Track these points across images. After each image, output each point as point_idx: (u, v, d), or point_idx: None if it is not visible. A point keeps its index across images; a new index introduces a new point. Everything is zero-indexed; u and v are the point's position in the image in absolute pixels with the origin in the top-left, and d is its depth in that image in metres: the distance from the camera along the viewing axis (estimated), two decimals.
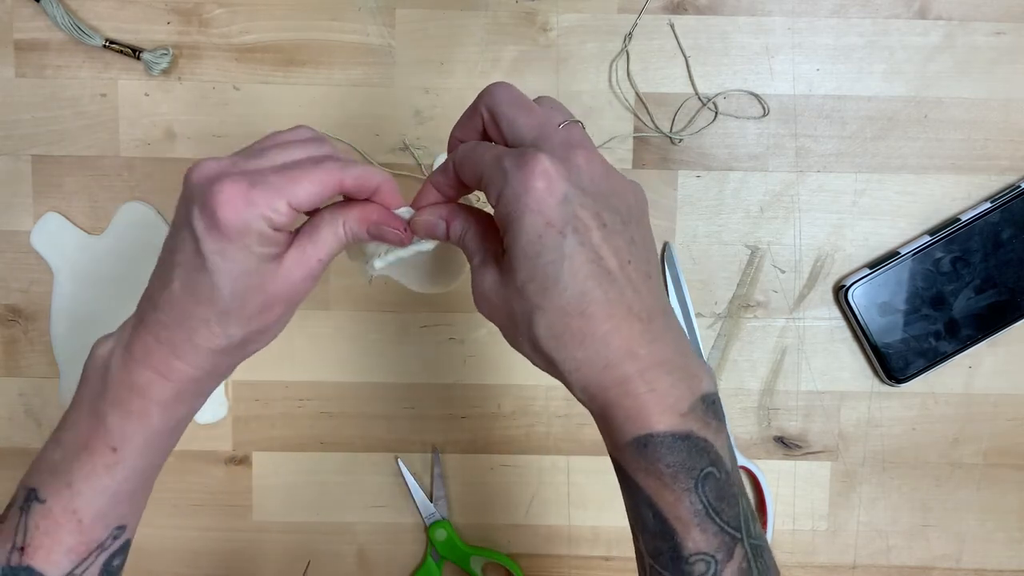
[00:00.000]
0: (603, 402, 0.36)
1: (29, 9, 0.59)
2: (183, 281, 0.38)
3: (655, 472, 0.35)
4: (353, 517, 0.63)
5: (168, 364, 0.39)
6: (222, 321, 0.38)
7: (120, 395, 0.40)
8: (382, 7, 0.60)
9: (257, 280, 0.38)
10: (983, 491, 0.63)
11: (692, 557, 0.35)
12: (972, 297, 0.60)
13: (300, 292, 0.40)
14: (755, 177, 0.61)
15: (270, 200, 0.36)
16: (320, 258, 0.40)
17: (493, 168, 0.36)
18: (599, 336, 0.35)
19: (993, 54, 0.60)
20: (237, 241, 0.36)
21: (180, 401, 0.40)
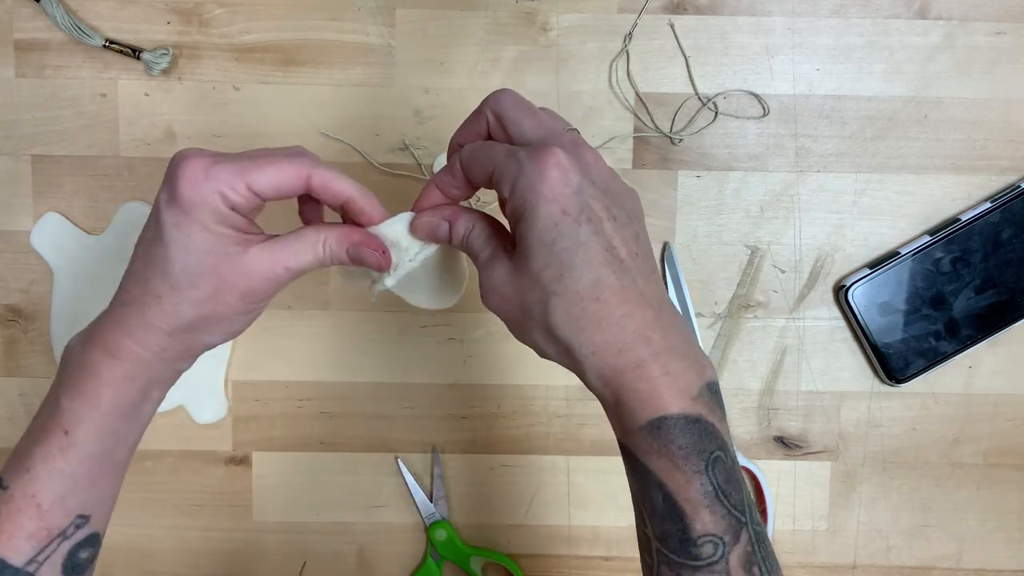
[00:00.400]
0: (617, 386, 0.36)
1: (29, 9, 0.59)
2: (142, 255, 0.40)
3: (667, 454, 0.36)
4: (353, 517, 0.63)
5: (118, 343, 0.40)
6: (172, 297, 0.39)
7: (73, 377, 0.40)
8: (382, 7, 0.60)
9: (211, 261, 0.39)
10: (983, 491, 0.63)
11: (701, 539, 0.35)
12: (972, 297, 0.60)
13: (257, 290, 0.40)
14: (755, 177, 0.61)
15: (229, 178, 0.38)
16: (287, 265, 0.40)
17: (507, 160, 0.37)
18: (615, 320, 0.36)
19: (993, 54, 0.60)
20: (191, 214, 0.38)
21: (131, 382, 0.40)
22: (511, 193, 0.37)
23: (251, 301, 0.41)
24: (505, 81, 0.60)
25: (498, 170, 0.37)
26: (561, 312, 0.36)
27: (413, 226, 0.42)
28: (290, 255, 0.40)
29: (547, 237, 0.36)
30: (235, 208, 0.39)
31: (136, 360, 0.40)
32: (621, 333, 0.36)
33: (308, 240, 0.41)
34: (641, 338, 0.36)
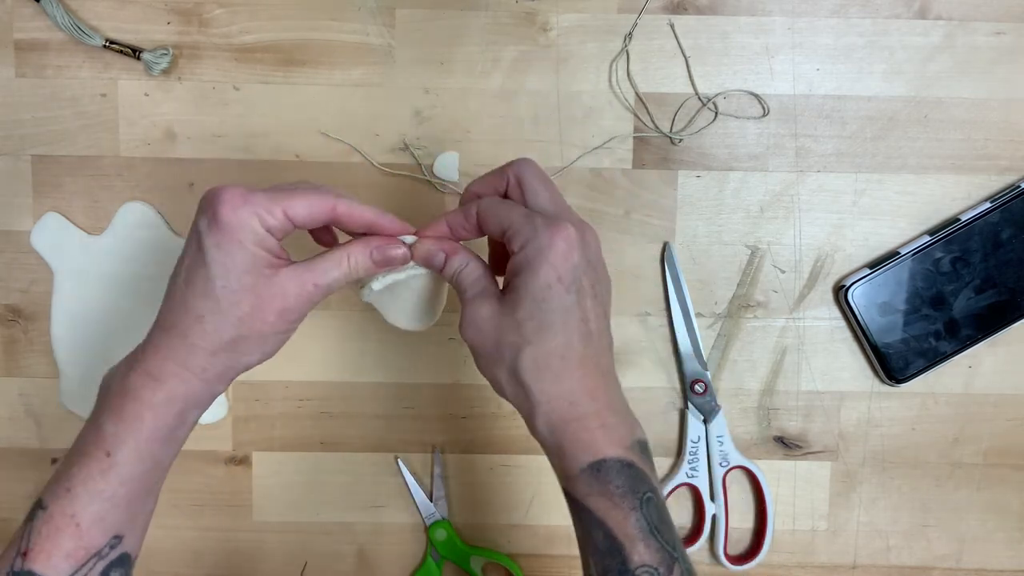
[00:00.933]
0: (562, 434, 0.42)
1: (29, 9, 0.59)
2: (185, 278, 0.43)
3: (606, 493, 0.41)
4: (353, 517, 0.63)
5: (160, 366, 0.42)
6: (214, 316, 0.42)
7: (115, 402, 0.42)
8: (382, 7, 0.60)
9: (251, 280, 0.42)
10: (983, 491, 0.63)
11: (638, 569, 0.40)
12: (972, 297, 0.60)
13: (292, 308, 0.43)
14: (755, 177, 0.61)
15: (266, 203, 0.42)
16: (317, 282, 0.44)
17: (524, 221, 0.42)
18: (573, 378, 0.42)
19: (993, 54, 0.60)
20: (232, 235, 0.41)
21: (171, 405, 0.42)
22: (520, 249, 0.42)
23: (286, 320, 0.43)
24: (505, 81, 0.60)
25: (514, 227, 0.43)
26: (531, 360, 0.42)
27: (414, 248, 0.46)
28: (318, 273, 0.44)
29: (539, 295, 0.41)
30: (271, 231, 0.42)
31: (178, 382, 0.42)
32: (574, 389, 0.42)
33: (334, 258, 0.45)
34: (590, 396, 0.42)
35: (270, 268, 0.42)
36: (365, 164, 0.61)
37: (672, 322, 0.61)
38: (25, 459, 0.62)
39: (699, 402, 0.61)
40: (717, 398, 0.62)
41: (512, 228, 0.43)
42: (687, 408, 0.62)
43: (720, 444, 0.61)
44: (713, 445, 0.61)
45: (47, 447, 0.62)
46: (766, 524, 0.62)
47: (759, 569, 0.62)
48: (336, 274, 0.44)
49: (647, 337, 0.62)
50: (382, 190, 0.61)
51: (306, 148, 0.60)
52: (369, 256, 0.45)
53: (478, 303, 0.44)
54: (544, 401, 0.42)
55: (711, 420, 0.61)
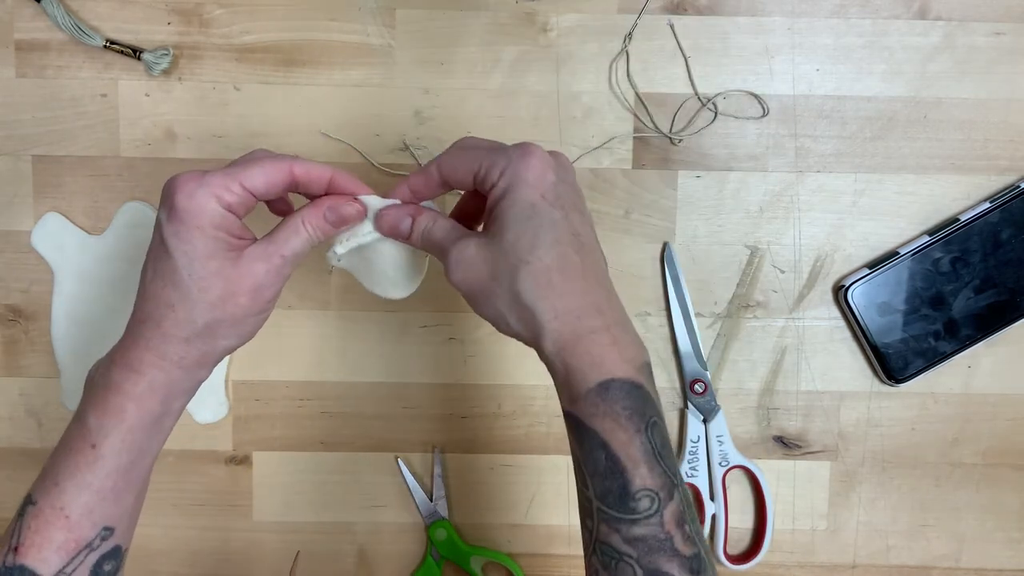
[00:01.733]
0: (571, 352, 0.41)
1: (30, 9, 0.59)
2: (151, 273, 0.43)
3: (612, 414, 0.40)
4: (353, 517, 0.63)
5: (139, 357, 0.42)
6: (185, 304, 0.42)
7: (99, 395, 0.42)
8: (382, 7, 0.60)
9: (216, 265, 0.42)
10: (982, 491, 0.63)
11: (639, 493, 0.39)
12: (971, 297, 0.60)
13: (264, 286, 0.43)
14: (755, 177, 0.61)
15: (221, 181, 0.42)
16: (283, 253, 0.43)
17: (494, 153, 0.43)
18: (576, 291, 0.41)
19: (993, 54, 0.60)
20: (190, 222, 0.41)
21: (153, 394, 0.42)
22: (499, 178, 0.42)
23: (261, 299, 0.43)
24: (505, 81, 0.60)
25: (485, 163, 0.42)
26: (530, 279, 0.41)
27: (378, 219, 0.46)
28: (280, 244, 0.43)
29: (524, 214, 0.41)
30: (231, 208, 0.42)
31: (157, 372, 0.42)
32: (580, 302, 0.41)
33: (291, 226, 0.44)
34: (596, 310, 0.41)
35: (234, 250, 0.42)
36: (365, 164, 0.61)
37: (672, 322, 0.61)
38: (25, 459, 0.62)
39: (699, 402, 0.61)
40: (717, 398, 0.62)
41: (483, 164, 0.42)
42: (687, 408, 0.62)
43: (720, 444, 0.61)
44: (713, 445, 0.61)
45: (47, 447, 0.62)
46: (766, 524, 0.62)
47: (759, 569, 0.63)
48: (296, 241, 0.44)
49: (647, 337, 0.62)
50: (382, 190, 0.61)
51: (306, 148, 0.60)
52: (323, 217, 0.45)
53: (460, 245, 0.43)
54: (551, 318, 0.41)
55: (711, 420, 0.61)
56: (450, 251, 0.43)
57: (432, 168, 0.45)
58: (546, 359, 0.42)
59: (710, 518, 0.62)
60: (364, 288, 0.49)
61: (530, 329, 0.41)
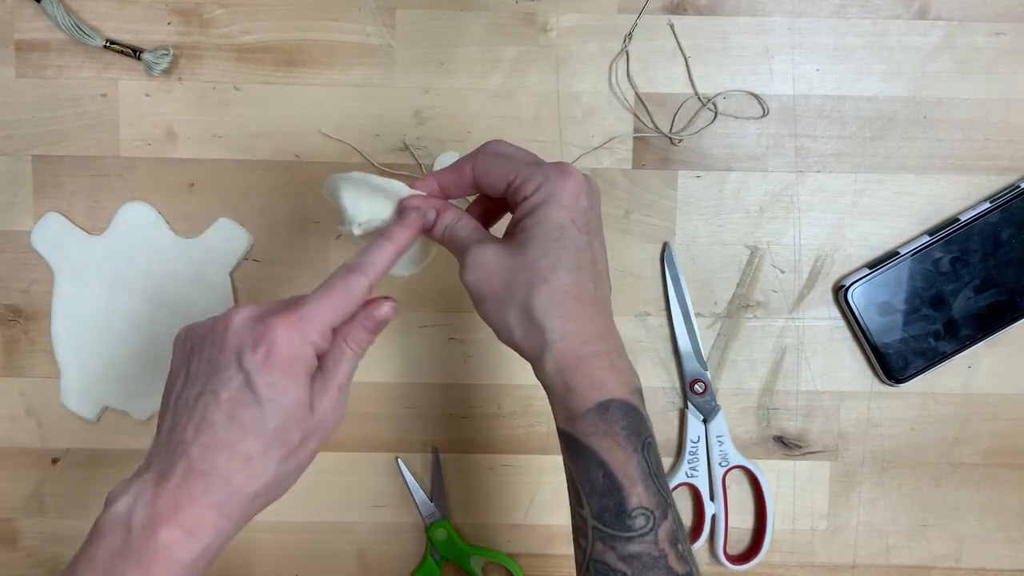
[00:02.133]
0: (572, 373, 0.41)
1: (30, 9, 0.59)
2: (226, 420, 0.38)
3: (610, 433, 0.41)
4: (353, 517, 0.63)
5: (199, 517, 0.38)
6: (263, 457, 0.39)
7: (142, 559, 0.37)
8: (382, 7, 0.60)
9: (300, 414, 0.40)
10: (983, 491, 0.63)
11: (635, 511, 0.40)
12: (971, 297, 0.60)
13: (330, 424, 0.41)
14: (755, 177, 0.61)
15: (318, 327, 0.40)
16: (339, 385, 0.41)
17: (531, 168, 0.43)
18: (586, 316, 0.42)
19: (993, 54, 0.60)
20: (288, 371, 0.39)
21: (202, 560, 0.38)
22: (533, 192, 0.42)
23: (325, 439, 0.42)
24: (505, 81, 0.60)
25: (522, 175, 0.43)
26: (545, 298, 0.41)
27: (402, 207, 0.46)
28: (333, 375, 0.41)
29: (552, 234, 0.42)
30: (316, 348, 0.41)
31: (216, 533, 0.38)
32: (588, 327, 0.42)
33: (336, 352, 0.42)
34: (600, 336, 0.42)
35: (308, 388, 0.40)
36: (365, 164, 0.61)
37: (672, 322, 0.61)
38: (25, 459, 0.62)
39: (699, 402, 0.61)
40: (717, 398, 0.62)
41: (520, 176, 0.43)
42: (687, 408, 0.62)
43: (720, 444, 0.61)
44: (713, 445, 0.61)
45: (47, 447, 0.62)
46: (766, 524, 0.62)
47: (759, 569, 0.63)
48: (346, 367, 0.42)
49: (647, 337, 0.62)
50: None
51: (306, 148, 0.60)
52: (363, 329, 0.43)
53: (480, 247, 0.43)
54: (558, 339, 0.41)
55: (711, 420, 0.61)
56: (469, 250, 0.43)
57: (467, 168, 0.45)
58: (544, 376, 0.43)
59: (710, 518, 0.62)
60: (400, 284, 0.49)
61: (534, 344, 0.42)
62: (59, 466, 0.62)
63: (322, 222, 0.61)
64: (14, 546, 0.62)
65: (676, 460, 0.63)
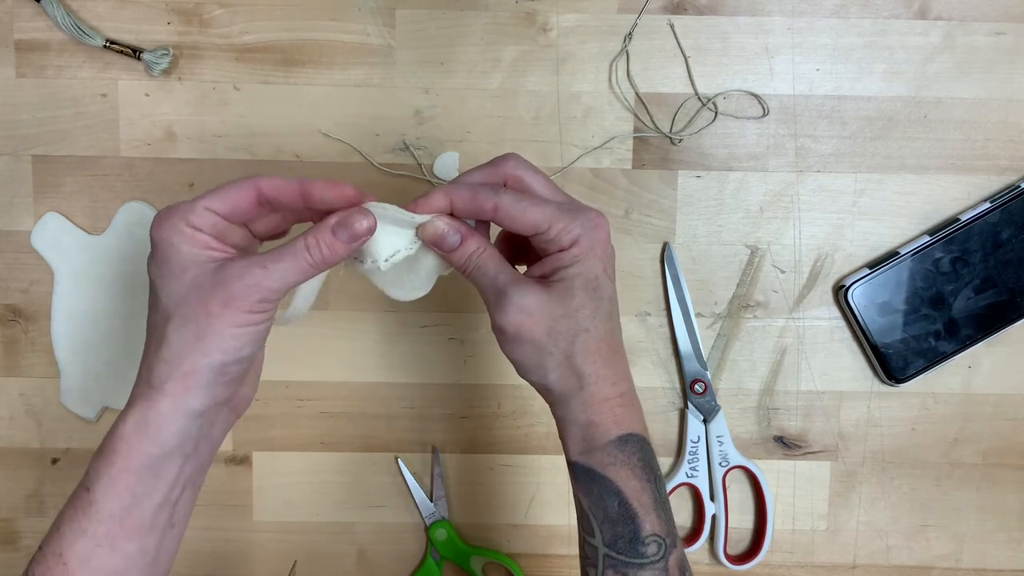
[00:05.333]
0: (598, 410, 0.44)
1: (30, 9, 0.59)
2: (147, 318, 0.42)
3: (628, 464, 0.43)
4: (353, 517, 0.63)
5: (132, 393, 0.41)
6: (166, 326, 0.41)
7: (101, 442, 0.41)
8: (382, 7, 0.60)
9: (190, 276, 0.41)
10: (983, 491, 0.63)
11: (648, 538, 0.42)
12: (971, 297, 0.60)
13: (238, 296, 0.40)
14: (755, 177, 0.61)
15: (185, 205, 0.41)
16: (265, 264, 0.41)
17: (567, 215, 0.43)
18: (614, 361, 0.44)
19: (993, 54, 0.60)
20: (162, 247, 0.41)
21: (140, 430, 0.40)
22: (571, 244, 0.43)
23: (235, 309, 0.40)
24: (505, 81, 0.60)
25: (556, 226, 0.43)
26: (585, 346, 0.43)
27: (424, 228, 0.44)
28: (270, 257, 0.41)
29: (591, 285, 0.43)
30: (198, 228, 0.41)
31: (143, 403, 0.41)
32: (615, 371, 0.44)
33: (289, 246, 0.41)
34: (623, 377, 0.45)
35: (215, 263, 0.41)
36: (365, 164, 0.61)
37: (672, 322, 0.61)
38: (25, 459, 0.62)
39: (699, 402, 0.61)
40: (717, 398, 0.62)
41: (554, 227, 0.43)
42: (687, 408, 0.62)
43: (720, 444, 0.61)
44: (713, 445, 0.61)
45: (47, 447, 0.62)
46: (766, 524, 0.62)
47: (759, 569, 0.63)
48: (290, 260, 0.41)
49: (647, 337, 0.62)
50: (382, 190, 0.61)
51: (306, 148, 0.60)
52: (331, 233, 0.41)
53: (523, 290, 0.43)
54: (592, 382, 0.43)
55: (711, 420, 0.61)
56: (509, 292, 0.43)
57: (487, 201, 0.43)
58: (568, 413, 0.44)
59: (710, 518, 0.62)
60: (369, 287, 0.47)
61: (567, 388, 0.44)
62: (59, 466, 0.62)
63: None
64: (14, 546, 0.62)
65: (676, 460, 0.63)
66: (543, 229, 0.43)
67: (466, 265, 0.45)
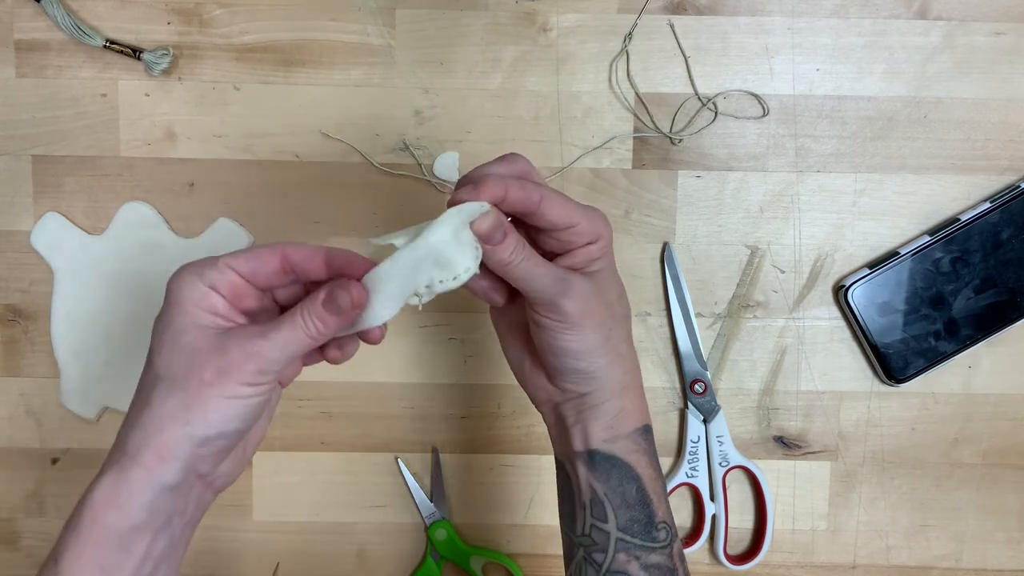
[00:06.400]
0: (633, 395, 0.45)
1: (29, 9, 0.59)
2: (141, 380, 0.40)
3: (648, 453, 0.45)
4: (353, 517, 0.63)
5: (107, 460, 0.39)
6: (156, 390, 0.39)
7: (75, 506, 0.39)
8: (382, 7, 0.60)
9: (189, 339, 0.39)
10: (983, 491, 0.63)
11: (660, 524, 0.44)
12: (971, 297, 0.60)
13: (234, 367, 0.38)
14: (755, 177, 0.61)
15: (206, 261, 0.40)
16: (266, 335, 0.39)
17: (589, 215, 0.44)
18: (632, 349, 0.47)
19: (993, 54, 0.60)
20: (171, 302, 0.39)
21: (109, 501, 0.38)
22: (597, 239, 0.44)
23: (228, 380, 0.38)
24: (505, 81, 0.60)
25: (587, 220, 0.43)
26: (623, 331, 0.46)
27: (484, 219, 0.40)
28: (271, 327, 0.39)
29: (616, 278, 0.46)
30: (214, 287, 0.39)
31: (114, 470, 0.38)
32: (635, 359, 0.47)
33: (290, 316, 0.39)
34: (637, 366, 0.47)
35: (217, 329, 0.39)
36: (365, 164, 0.61)
37: (672, 322, 0.61)
38: (25, 459, 0.62)
39: (699, 402, 0.61)
40: (717, 398, 0.62)
41: (584, 221, 0.43)
42: (687, 408, 0.62)
43: (720, 444, 0.61)
44: (713, 445, 0.61)
45: (47, 447, 0.62)
46: (766, 524, 0.62)
47: (759, 569, 0.63)
48: (287, 332, 0.39)
49: (647, 337, 0.62)
50: (382, 190, 0.61)
51: (306, 148, 0.60)
52: (320, 305, 0.39)
53: (579, 277, 0.43)
54: (631, 368, 0.46)
55: (711, 420, 0.61)
56: (572, 280, 0.43)
57: (534, 193, 0.41)
58: (602, 399, 0.45)
59: (710, 518, 0.62)
60: None
61: (611, 372, 0.45)
62: (59, 466, 0.62)
63: (322, 222, 0.61)
64: (14, 546, 0.62)
65: (676, 460, 0.63)
66: (576, 222, 0.43)
67: (512, 257, 0.41)
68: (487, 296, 0.45)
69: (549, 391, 0.46)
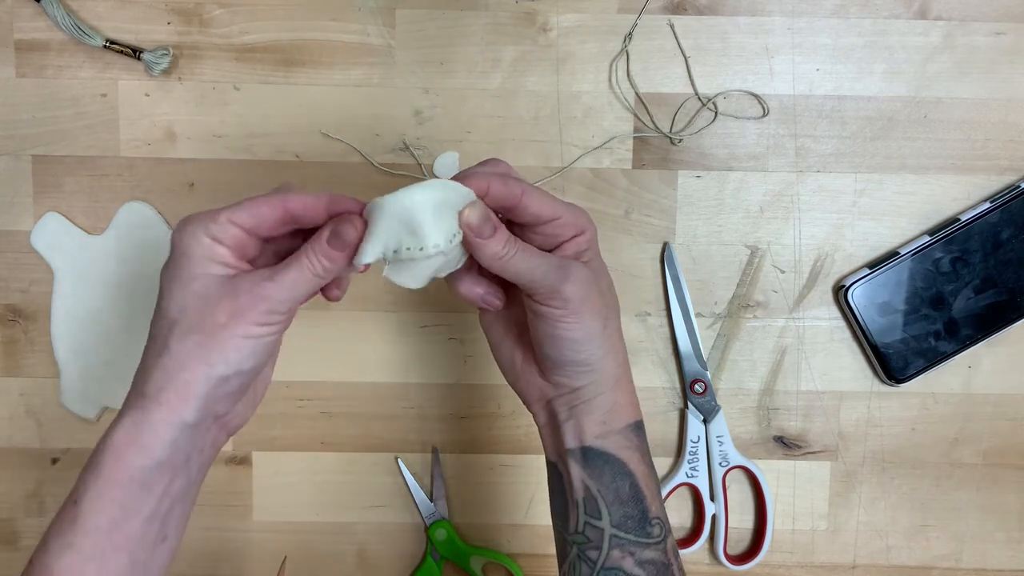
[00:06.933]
0: (626, 389, 0.46)
1: (29, 9, 0.59)
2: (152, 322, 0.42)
3: (640, 449, 0.45)
4: (353, 517, 0.63)
5: (124, 403, 0.40)
6: (169, 337, 0.40)
7: (92, 451, 0.40)
8: (382, 7, 0.60)
9: (199, 285, 0.40)
10: (983, 491, 0.63)
11: (654, 520, 0.44)
12: (971, 297, 0.60)
13: (245, 308, 0.40)
14: (755, 177, 0.61)
15: (207, 215, 0.40)
16: (273, 277, 0.40)
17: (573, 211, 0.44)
18: (623, 341, 0.47)
19: (993, 54, 0.60)
20: (176, 255, 0.40)
21: (130, 441, 0.39)
22: (580, 233, 0.44)
23: (241, 321, 0.39)
24: (505, 81, 0.60)
25: (570, 214, 0.44)
26: (616, 322, 0.46)
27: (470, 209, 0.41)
28: (277, 269, 0.41)
29: (603, 268, 0.46)
30: (217, 239, 0.40)
31: (134, 412, 0.39)
32: (625, 352, 0.46)
33: (297, 257, 0.41)
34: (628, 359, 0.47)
35: (223, 274, 0.40)
36: (365, 164, 0.61)
37: (672, 322, 0.61)
38: (25, 459, 0.62)
39: (699, 402, 0.61)
40: (717, 398, 0.62)
41: (567, 215, 0.44)
42: (687, 408, 0.62)
43: (720, 444, 0.61)
44: (713, 445, 0.61)
45: (47, 447, 0.62)
46: (766, 524, 0.62)
47: (759, 569, 0.63)
48: (294, 272, 0.40)
49: (647, 337, 0.62)
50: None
51: (306, 148, 0.60)
52: (324, 243, 0.40)
53: (577, 264, 0.43)
54: (624, 360, 0.46)
55: (711, 420, 0.61)
56: (570, 267, 0.42)
57: (516, 187, 0.42)
58: (595, 393, 0.45)
59: (710, 518, 0.62)
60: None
61: (607, 364, 0.44)
62: (59, 466, 0.62)
63: None
64: (14, 546, 0.62)
65: (676, 460, 0.63)
66: (560, 214, 0.43)
67: (506, 250, 0.42)
68: (486, 301, 0.46)
69: (542, 387, 0.46)
